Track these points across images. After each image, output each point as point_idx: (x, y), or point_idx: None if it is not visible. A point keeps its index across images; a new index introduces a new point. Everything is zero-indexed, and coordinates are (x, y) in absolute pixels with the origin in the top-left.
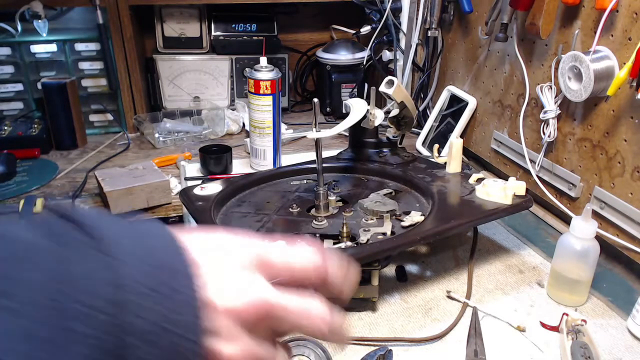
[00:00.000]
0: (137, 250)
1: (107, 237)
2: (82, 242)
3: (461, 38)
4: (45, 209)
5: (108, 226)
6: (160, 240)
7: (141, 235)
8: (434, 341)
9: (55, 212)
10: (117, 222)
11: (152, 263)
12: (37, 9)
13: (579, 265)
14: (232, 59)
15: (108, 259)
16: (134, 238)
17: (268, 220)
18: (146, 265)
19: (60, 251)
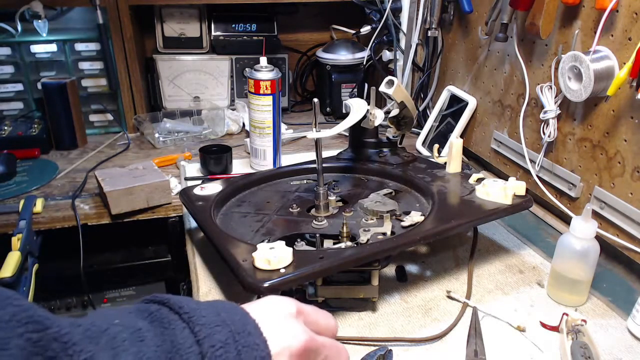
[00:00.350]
0: (213, 317)
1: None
2: (175, 320)
3: (461, 38)
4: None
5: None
6: (230, 309)
7: (215, 306)
8: (434, 341)
9: (152, 301)
10: (198, 303)
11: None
12: (37, 9)
13: (579, 265)
14: (232, 59)
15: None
16: (210, 309)
17: (268, 220)
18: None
19: (163, 332)
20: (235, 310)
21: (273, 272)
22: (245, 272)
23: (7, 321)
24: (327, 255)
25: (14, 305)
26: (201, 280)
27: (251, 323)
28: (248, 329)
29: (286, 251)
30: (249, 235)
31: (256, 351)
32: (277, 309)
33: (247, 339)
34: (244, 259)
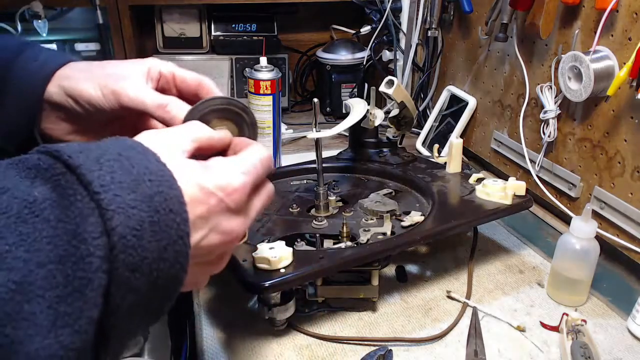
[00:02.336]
0: (130, 196)
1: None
2: (83, 197)
3: (461, 38)
4: (37, 152)
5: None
6: (156, 174)
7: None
8: (434, 341)
9: (47, 153)
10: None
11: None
12: (37, 9)
13: (579, 265)
14: (232, 59)
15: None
16: (127, 179)
17: (268, 220)
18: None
19: (67, 207)
20: (161, 179)
21: (273, 272)
22: (245, 272)
23: None
24: (327, 255)
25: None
26: None
27: (176, 197)
28: (170, 205)
29: (286, 251)
30: (249, 235)
31: (174, 230)
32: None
33: (167, 218)
34: (244, 259)
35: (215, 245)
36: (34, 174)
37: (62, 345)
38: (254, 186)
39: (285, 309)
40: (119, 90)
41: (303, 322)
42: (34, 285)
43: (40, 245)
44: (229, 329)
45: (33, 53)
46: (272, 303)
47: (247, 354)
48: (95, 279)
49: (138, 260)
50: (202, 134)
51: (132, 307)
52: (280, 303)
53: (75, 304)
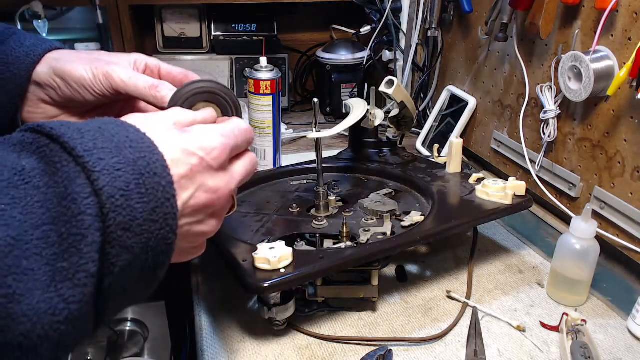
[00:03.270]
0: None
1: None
2: (68, 162)
3: (461, 38)
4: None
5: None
6: (135, 141)
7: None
8: (434, 341)
9: (37, 131)
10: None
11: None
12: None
13: (579, 265)
14: (232, 59)
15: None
16: (110, 145)
17: (268, 220)
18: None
19: (54, 173)
20: (142, 145)
21: (273, 272)
22: (245, 272)
23: None
24: (327, 255)
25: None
26: (201, 281)
27: (159, 161)
28: (154, 169)
29: (286, 251)
30: (249, 235)
31: (160, 192)
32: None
33: (152, 181)
34: (244, 259)
35: (203, 203)
36: (20, 148)
37: (63, 299)
38: (234, 150)
39: (285, 309)
40: (110, 73)
41: (303, 322)
42: (31, 244)
43: (33, 209)
44: (229, 329)
45: (18, 39)
46: (272, 303)
47: (247, 354)
48: (88, 235)
49: (129, 219)
50: (184, 117)
51: (126, 267)
52: (280, 303)
53: (72, 259)
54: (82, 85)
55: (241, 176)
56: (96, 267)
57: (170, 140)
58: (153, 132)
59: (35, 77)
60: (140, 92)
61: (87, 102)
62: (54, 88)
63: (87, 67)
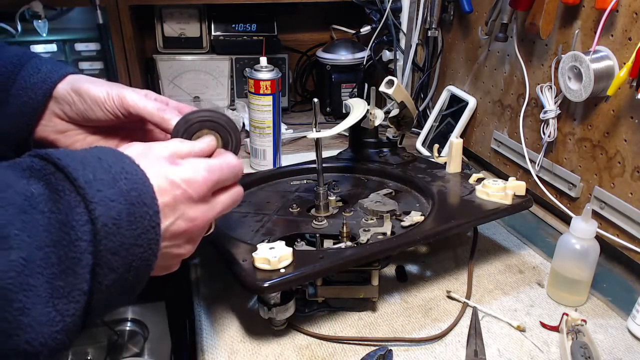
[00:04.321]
0: (109, 191)
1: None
2: (70, 192)
3: (461, 38)
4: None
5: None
6: (130, 174)
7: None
8: (434, 341)
9: (38, 156)
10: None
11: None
12: (37, 9)
13: (579, 265)
14: (232, 59)
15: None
16: (107, 177)
17: (268, 220)
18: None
19: (57, 200)
20: (135, 178)
21: (273, 272)
22: (245, 272)
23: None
24: (327, 255)
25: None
26: (201, 281)
27: (149, 193)
28: (144, 199)
29: (286, 251)
30: (249, 235)
31: (147, 220)
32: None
33: (141, 210)
34: (244, 259)
35: (182, 231)
36: (29, 174)
37: (59, 313)
38: (219, 184)
39: (285, 309)
40: (124, 94)
41: (303, 322)
42: (34, 264)
43: (38, 232)
44: (229, 329)
45: (35, 65)
46: (272, 303)
47: (247, 354)
48: (83, 258)
49: (117, 245)
50: (182, 148)
51: (111, 285)
52: (280, 303)
53: (68, 279)
54: (96, 102)
55: (223, 207)
56: (88, 286)
57: (160, 171)
58: (146, 163)
59: (54, 92)
60: (149, 112)
61: (99, 119)
62: (69, 103)
63: (102, 88)
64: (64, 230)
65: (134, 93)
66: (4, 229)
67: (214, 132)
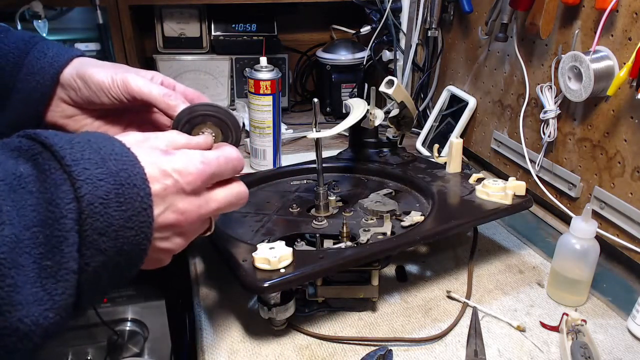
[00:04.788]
0: (97, 170)
1: (75, 164)
2: (56, 170)
3: (461, 38)
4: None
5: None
6: (119, 154)
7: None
8: (434, 341)
9: (32, 138)
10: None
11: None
12: (37, 9)
13: (579, 265)
14: (232, 59)
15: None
16: (95, 156)
17: (268, 220)
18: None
19: (44, 180)
20: (125, 159)
21: (273, 272)
22: (245, 272)
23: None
24: (327, 255)
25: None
26: (201, 281)
27: (139, 174)
28: (134, 181)
29: (286, 251)
30: (249, 235)
31: (137, 202)
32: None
33: (131, 192)
34: (244, 259)
35: (170, 222)
36: (17, 154)
37: (46, 292)
38: (215, 177)
39: (285, 309)
40: (128, 79)
41: (303, 322)
42: (23, 243)
43: (26, 212)
44: (229, 329)
45: (42, 49)
46: (272, 303)
47: (247, 354)
48: (69, 237)
49: (105, 225)
50: (178, 139)
51: (100, 267)
52: (280, 303)
53: (55, 258)
54: (101, 88)
55: (220, 203)
56: (76, 265)
57: (151, 158)
58: (138, 149)
59: (60, 77)
60: (154, 97)
61: (104, 104)
62: (74, 89)
63: (107, 73)
64: (49, 209)
65: (139, 78)
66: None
67: (216, 127)
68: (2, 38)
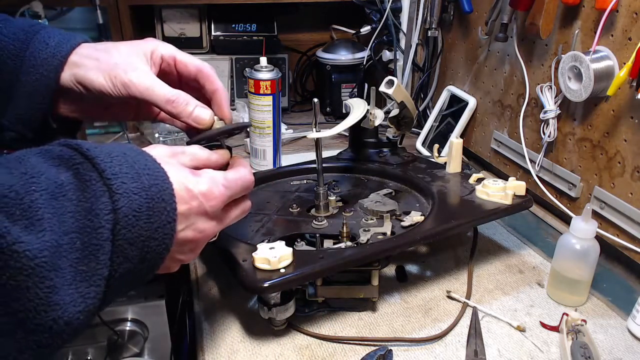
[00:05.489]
0: (133, 184)
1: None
2: (97, 182)
3: (461, 38)
4: (59, 144)
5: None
6: (153, 171)
7: (136, 168)
8: (434, 341)
9: (67, 146)
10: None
11: (144, 189)
12: (37, 9)
13: (579, 265)
14: (232, 59)
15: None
16: (131, 172)
17: (268, 220)
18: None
19: (84, 189)
20: (157, 175)
21: (273, 272)
22: (245, 272)
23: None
24: (327, 255)
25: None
26: (201, 281)
27: (168, 190)
28: (163, 196)
29: (286, 251)
30: (249, 235)
31: (164, 215)
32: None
33: (160, 206)
34: (244, 259)
35: (188, 239)
36: (58, 162)
37: (80, 295)
38: (232, 199)
39: (285, 309)
40: (128, 83)
41: (303, 322)
42: (62, 248)
43: (66, 218)
44: (229, 329)
45: (43, 38)
46: (272, 303)
47: (247, 354)
48: (105, 245)
49: (135, 236)
50: (201, 155)
51: (125, 273)
52: (280, 303)
53: (91, 264)
54: (102, 92)
55: (231, 221)
56: (108, 271)
57: (179, 177)
58: (168, 166)
59: (60, 81)
60: (157, 103)
61: (108, 102)
62: (75, 92)
63: (106, 76)
64: (88, 217)
65: (139, 79)
66: (39, 212)
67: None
68: (0, 28)
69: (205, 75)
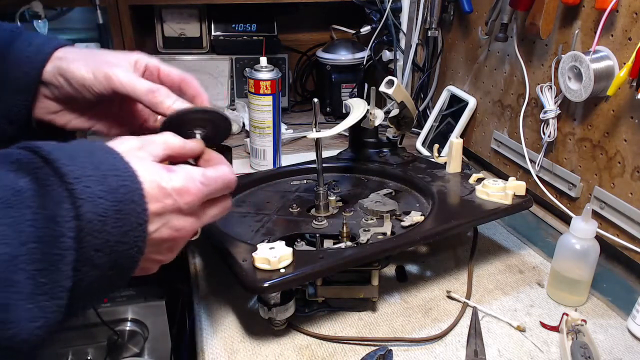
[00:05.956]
0: (98, 187)
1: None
2: (57, 186)
3: (461, 38)
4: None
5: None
6: (121, 171)
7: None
8: (434, 341)
9: (27, 149)
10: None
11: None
12: (37, 9)
13: (579, 265)
14: (232, 59)
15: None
16: (96, 173)
17: (268, 220)
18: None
19: (44, 195)
20: (125, 175)
21: (273, 272)
22: (245, 272)
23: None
24: (327, 255)
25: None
26: (201, 281)
27: (138, 190)
28: (133, 197)
29: (286, 251)
30: (249, 235)
31: (134, 217)
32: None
33: (129, 207)
34: (244, 259)
35: (164, 238)
36: (17, 166)
37: (40, 309)
38: (210, 196)
39: (285, 309)
40: (110, 75)
41: (303, 322)
42: (18, 260)
43: (24, 227)
44: (229, 329)
45: (26, 39)
46: (272, 303)
47: (247, 354)
48: (67, 255)
49: (102, 242)
50: (174, 142)
51: (93, 281)
52: (280, 303)
53: (51, 275)
54: (83, 85)
55: (211, 219)
56: (71, 282)
57: (151, 175)
58: (138, 164)
59: (43, 76)
60: (137, 94)
61: (88, 100)
62: (57, 86)
63: (89, 69)
64: (49, 226)
65: (121, 72)
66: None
67: (204, 125)
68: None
69: (189, 83)
